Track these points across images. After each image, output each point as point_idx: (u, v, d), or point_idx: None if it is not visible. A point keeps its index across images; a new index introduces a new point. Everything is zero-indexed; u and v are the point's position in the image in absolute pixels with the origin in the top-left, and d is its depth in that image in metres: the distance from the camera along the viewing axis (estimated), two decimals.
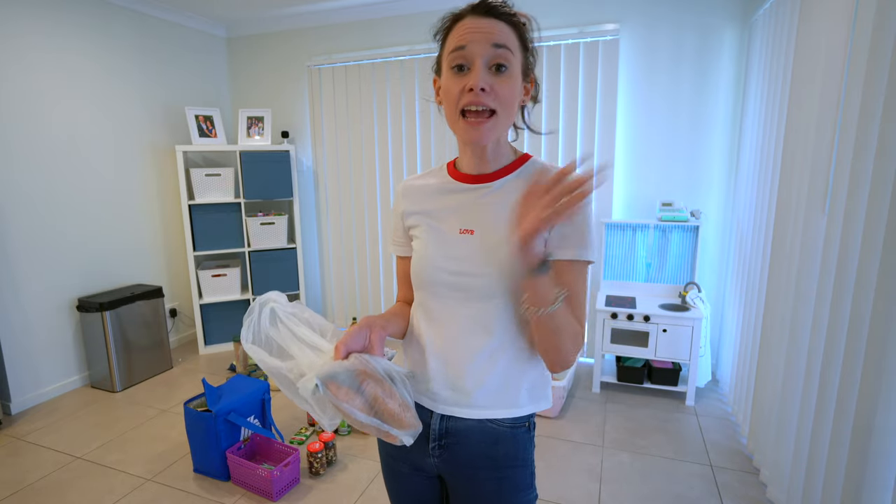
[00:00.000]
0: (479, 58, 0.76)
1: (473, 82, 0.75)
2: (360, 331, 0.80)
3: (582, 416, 2.56)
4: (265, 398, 2.23)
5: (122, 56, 3.12)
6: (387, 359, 0.81)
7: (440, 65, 0.83)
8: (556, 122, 3.04)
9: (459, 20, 0.79)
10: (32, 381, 2.74)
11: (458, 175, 0.90)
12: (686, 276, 2.88)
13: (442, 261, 0.86)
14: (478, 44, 0.76)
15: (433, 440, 0.89)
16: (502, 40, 0.76)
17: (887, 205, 1.24)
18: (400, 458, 0.95)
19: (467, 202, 0.86)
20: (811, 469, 1.59)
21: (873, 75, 1.30)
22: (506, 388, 0.86)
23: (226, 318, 3.52)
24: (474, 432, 0.87)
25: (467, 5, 0.79)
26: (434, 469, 0.92)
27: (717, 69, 2.74)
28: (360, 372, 0.74)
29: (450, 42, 0.79)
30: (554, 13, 2.96)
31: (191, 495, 2.00)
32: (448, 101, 0.79)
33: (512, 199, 0.81)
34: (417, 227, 0.91)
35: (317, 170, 3.77)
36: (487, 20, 0.77)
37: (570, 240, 0.80)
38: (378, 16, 3.37)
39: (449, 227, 0.87)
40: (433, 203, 0.90)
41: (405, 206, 0.94)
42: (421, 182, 0.94)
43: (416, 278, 0.90)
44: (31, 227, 2.70)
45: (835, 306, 1.47)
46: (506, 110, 0.78)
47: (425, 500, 0.98)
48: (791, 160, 1.83)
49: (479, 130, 0.77)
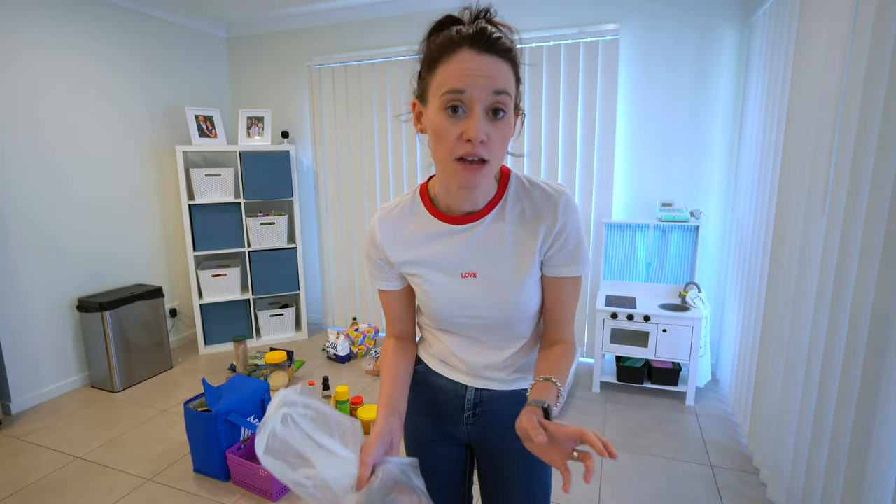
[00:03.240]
0: (478, 104, 0.69)
1: (473, 134, 0.68)
2: (381, 440, 0.81)
3: (582, 416, 2.56)
4: (265, 398, 2.23)
5: (122, 56, 3.12)
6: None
7: (424, 92, 0.75)
8: (556, 122, 3.04)
9: (455, 51, 0.69)
10: (32, 381, 2.74)
11: (442, 216, 0.84)
12: (686, 276, 2.88)
13: (454, 308, 0.87)
14: (479, 90, 0.68)
15: (468, 409, 0.95)
16: (503, 85, 0.69)
17: (887, 205, 1.25)
18: (429, 427, 0.99)
19: (462, 244, 0.83)
20: (811, 469, 1.59)
21: (873, 75, 1.30)
22: (533, 365, 0.92)
23: (226, 318, 3.52)
24: (505, 398, 0.93)
25: (464, 33, 0.69)
26: (466, 437, 0.97)
27: (718, 69, 2.74)
28: (391, 490, 0.78)
29: (443, 76, 0.70)
30: (554, 13, 2.96)
31: (191, 495, 2.00)
32: (440, 144, 0.72)
33: (505, 229, 0.83)
34: (417, 277, 0.88)
35: (317, 170, 3.77)
36: (489, 59, 0.68)
37: (568, 258, 0.83)
38: (378, 16, 3.37)
39: (450, 274, 0.85)
40: (425, 250, 0.86)
41: (392, 255, 0.88)
42: (399, 224, 0.88)
43: (429, 318, 0.93)
44: (31, 227, 2.70)
45: (835, 306, 1.47)
46: (499, 157, 0.74)
47: (450, 467, 1.01)
48: (791, 160, 1.83)
49: (475, 177, 0.72)
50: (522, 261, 0.82)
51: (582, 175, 3.06)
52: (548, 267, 0.84)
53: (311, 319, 4.04)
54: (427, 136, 0.76)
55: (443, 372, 0.96)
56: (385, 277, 0.92)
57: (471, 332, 0.89)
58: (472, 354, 0.91)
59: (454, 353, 0.93)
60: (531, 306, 0.86)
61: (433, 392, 0.97)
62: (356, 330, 3.39)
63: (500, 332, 0.88)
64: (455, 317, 0.88)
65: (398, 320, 0.98)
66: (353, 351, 3.33)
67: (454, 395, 0.95)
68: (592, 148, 3.00)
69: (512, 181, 0.84)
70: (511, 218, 0.82)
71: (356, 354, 3.35)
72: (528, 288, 0.84)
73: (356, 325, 3.46)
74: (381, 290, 0.95)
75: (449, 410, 0.96)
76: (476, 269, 0.84)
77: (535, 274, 0.84)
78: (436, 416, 0.97)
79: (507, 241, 0.82)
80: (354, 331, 3.37)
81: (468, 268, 0.84)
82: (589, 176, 3.05)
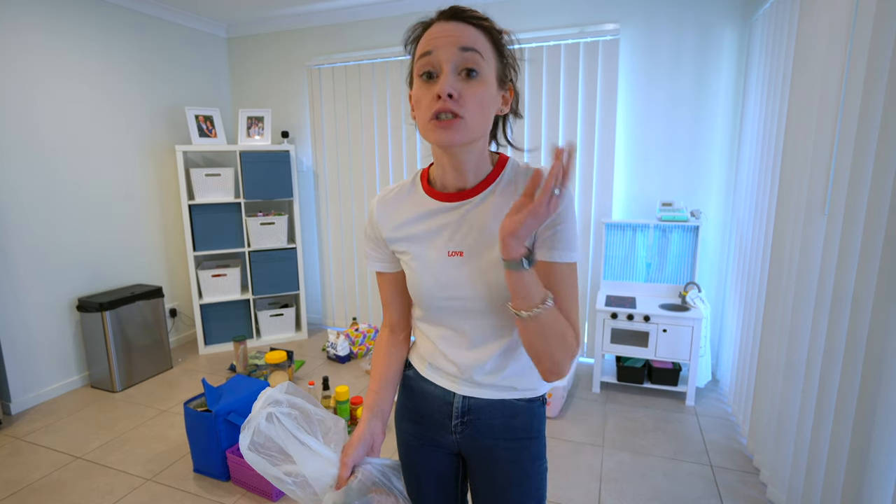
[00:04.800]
0: (446, 63, 0.72)
1: (439, 88, 0.71)
2: (361, 441, 0.86)
3: (582, 416, 2.56)
4: None
5: (122, 56, 3.12)
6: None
7: (411, 76, 0.79)
8: (556, 122, 3.04)
9: (429, 27, 0.76)
10: (32, 381, 2.74)
11: (436, 193, 0.85)
12: (686, 276, 2.88)
13: (436, 289, 0.85)
14: (444, 48, 0.72)
15: (456, 417, 0.93)
16: (470, 43, 0.72)
17: (887, 205, 1.25)
18: (420, 435, 0.98)
19: (451, 222, 0.84)
20: (811, 469, 1.59)
21: (873, 75, 1.30)
22: (523, 374, 0.90)
23: (226, 318, 3.52)
24: (495, 407, 0.90)
25: (437, 12, 0.76)
26: (455, 445, 0.95)
27: (718, 69, 2.74)
28: (368, 490, 0.80)
29: (418, 49, 0.76)
30: (554, 13, 2.96)
31: (191, 495, 2.00)
32: (419, 111, 0.76)
33: (496, 212, 0.81)
34: (406, 254, 0.89)
35: (317, 170, 3.77)
36: (455, 24, 0.73)
37: (556, 242, 0.78)
38: (378, 16, 3.37)
39: (437, 252, 0.84)
40: (416, 227, 0.86)
41: (386, 232, 0.90)
42: (396, 203, 0.89)
43: (415, 301, 0.92)
44: (32, 228, 2.70)
45: (835, 306, 1.47)
46: (476, 117, 0.74)
47: (443, 476, 0.99)
48: (791, 160, 1.83)
49: (449, 132, 0.73)
50: None
51: (582, 175, 3.06)
52: (539, 251, 0.80)
53: (311, 319, 4.04)
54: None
55: (431, 377, 0.94)
56: (379, 258, 0.93)
57: (454, 318, 0.87)
58: (458, 351, 0.89)
59: (440, 351, 0.90)
60: None
61: (422, 398, 0.96)
62: (356, 330, 3.39)
63: (484, 321, 0.85)
64: (440, 298, 0.85)
65: (393, 307, 0.98)
66: (353, 351, 3.33)
67: (442, 402, 0.93)
68: (592, 148, 3.00)
69: (508, 166, 0.85)
70: (503, 199, 0.81)
71: (356, 354, 3.35)
72: None
73: (356, 325, 3.46)
74: (377, 273, 0.97)
75: (437, 418, 0.94)
76: (463, 247, 0.82)
77: None
78: (425, 423, 0.96)
79: (496, 221, 0.81)
80: (354, 331, 3.37)
81: (455, 246, 0.83)
82: (589, 176, 3.05)
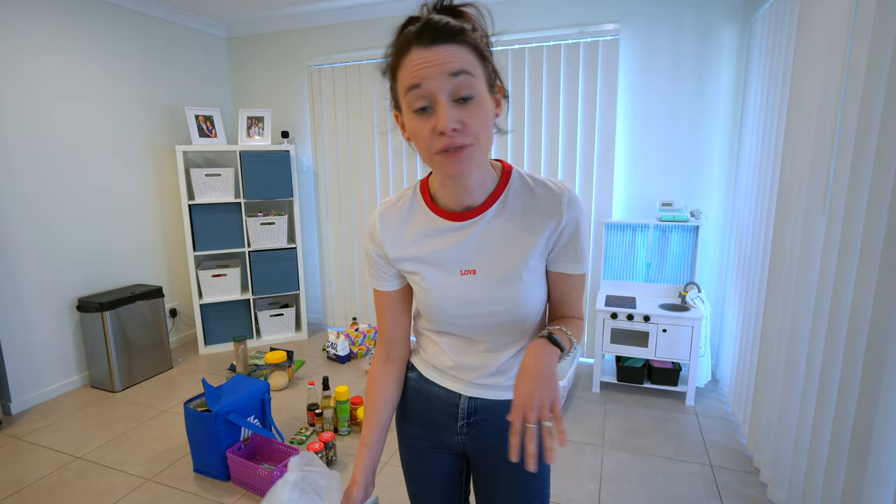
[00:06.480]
0: (440, 93, 0.67)
1: (442, 125, 0.67)
2: (359, 489, 0.89)
3: (582, 416, 2.56)
4: (265, 398, 2.23)
5: (122, 56, 3.12)
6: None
7: (396, 100, 0.75)
8: (556, 122, 3.04)
9: (406, 53, 0.69)
10: (32, 381, 2.74)
11: (442, 212, 0.83)
12: (686, 276, 2.88)
13: (453, 307, 0.85)
14: (433, 79, 0.67)
15: (462, 419, 0.92)
16: (458, 66, 0.67)
17: (887, 205, 1.25)
18: (423, 437, 0.97)
19: (462, 240, 0.82)
20: (811, 469, 1.59)
21: (873, 75, 1.30)
22: None
23: (226, 318, 3.52)
24: (502, 406, 0.90)
25: (411, 33, 0.69)
26: (460, 447, 0.95)
27: (718, 69, 2.74)
28: None
29: (402, 80, 0.70)
30: (554, 13, 2.96)
31: (191, 495, 2.00)
32: (420, 145, 0.72)
33: (506, 226, 0.82)
34: (415, 275, 0.87)
35: (317, 170, 3.77)
36: (438, 49, 0.67)
37: (571, 256, 0.84)
38: (378, 16, 3.37)
39: (449, 271, 0.83)
40: (424, 247, 0.84)
41: (391, 251, 0.87)
42: (399, 218, 0.87)
43: (427, 318, 0.92)
44: (32, 227, 2.70)
45: (835, 306, 1.47)
46: (482, 139, 0.71)
47: (445, 477, 0.99)
48: (791, 160, 1.83)
49: (461, 163, 0.70)
50: (524, 258, 0.81)
51: (582, 175, 3.06)
52: (554, 264, 0.84)
53: (311, 319, 4.04)
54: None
55: (435, 379, 0.93)
56: (383, 276, 0.90)
57: (470, 332, 0.87)
58: (468, 357, 0.89)
59: (449, 356, 0.90)
60: (531, 304, 0.84)
61: (426, 400, 0.95)
62: (356, 330, 3.39)
63: (499, 332, 0.86)
64: (454, 316, 0.86)
65: (392, 327, 0.94)
66: (353, 351, 3.33)
67: (447, 403, 0.92)
68: (592, 148, 3.00)
69: (513, 177, 0.83)
70: (512, 214, 0.81)
71: (356, 354, 3.35)
72: (528, 286, 0.82)
73: (356, 325, 3.46)
74: (377, 293, 0.93)
75: (442, 419, 0.93)
76: (475, 266, 0.82)
77: (536, 271, 0.83)
78: (429, 425, 0.95)
79: (508, 237, 0.81)
80: (354, 331, 3.38)
81: (468, 265, 0.82)
82: (589, 176, 3.05)
